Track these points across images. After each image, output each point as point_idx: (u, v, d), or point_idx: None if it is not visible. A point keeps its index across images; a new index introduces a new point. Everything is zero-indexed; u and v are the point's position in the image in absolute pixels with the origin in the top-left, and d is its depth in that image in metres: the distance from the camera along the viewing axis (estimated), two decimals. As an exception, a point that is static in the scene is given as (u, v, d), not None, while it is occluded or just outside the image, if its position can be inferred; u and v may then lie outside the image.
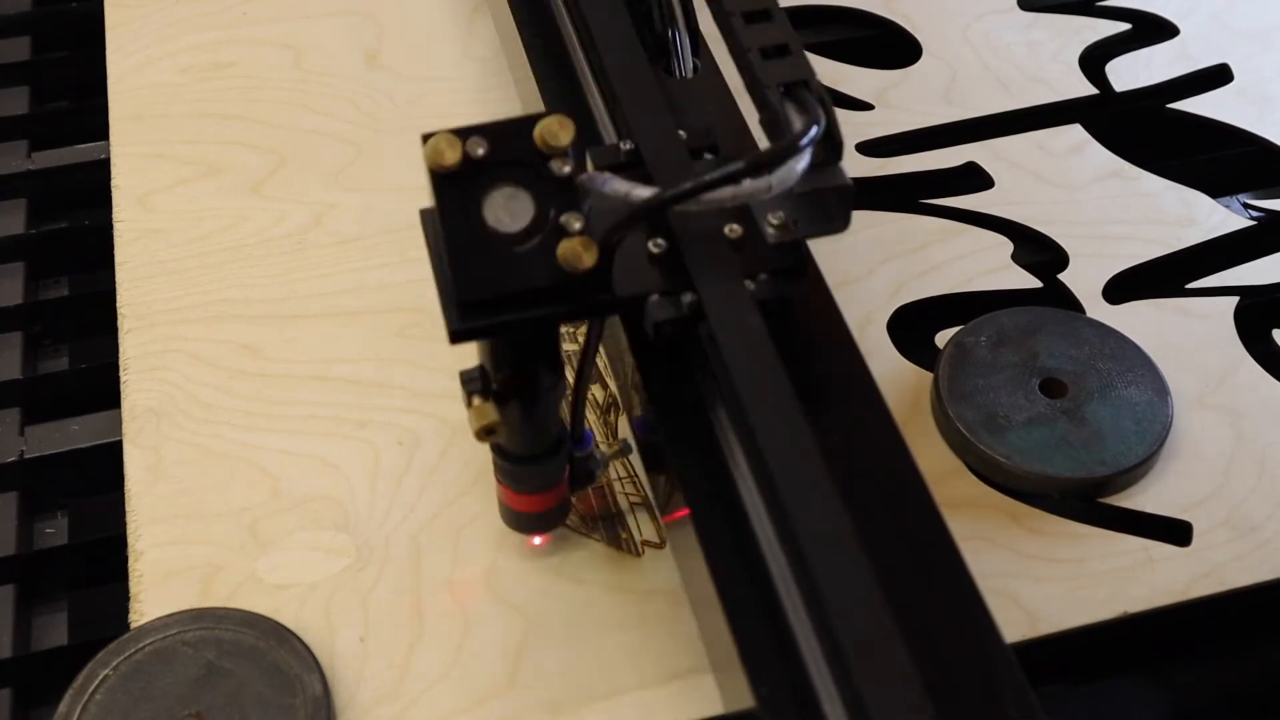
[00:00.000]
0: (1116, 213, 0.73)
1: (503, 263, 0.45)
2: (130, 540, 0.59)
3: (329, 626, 0.56)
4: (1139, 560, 0.59)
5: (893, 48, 0.83)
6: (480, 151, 0.45)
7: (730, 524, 0.47)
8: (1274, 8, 0.85)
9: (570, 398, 0.53)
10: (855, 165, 0.75)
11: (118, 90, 0.79)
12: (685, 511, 0.48)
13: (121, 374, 0.65)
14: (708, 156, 0.51)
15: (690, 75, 0.60)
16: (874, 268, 0.70)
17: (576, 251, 0.45)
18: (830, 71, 0.81)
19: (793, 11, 0.84)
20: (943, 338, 0.66)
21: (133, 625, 0.56)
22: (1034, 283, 0.69)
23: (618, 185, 0.46)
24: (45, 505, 0.65)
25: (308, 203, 0.73)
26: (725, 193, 0.45)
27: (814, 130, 0.46)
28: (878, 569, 0.41)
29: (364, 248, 0.70)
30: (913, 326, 0.67)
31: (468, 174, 0.45)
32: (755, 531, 0.46)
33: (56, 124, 0.81)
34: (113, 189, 0.74)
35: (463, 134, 0.45)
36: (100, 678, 0.53)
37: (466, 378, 0.49)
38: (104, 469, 0.63)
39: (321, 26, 0.83)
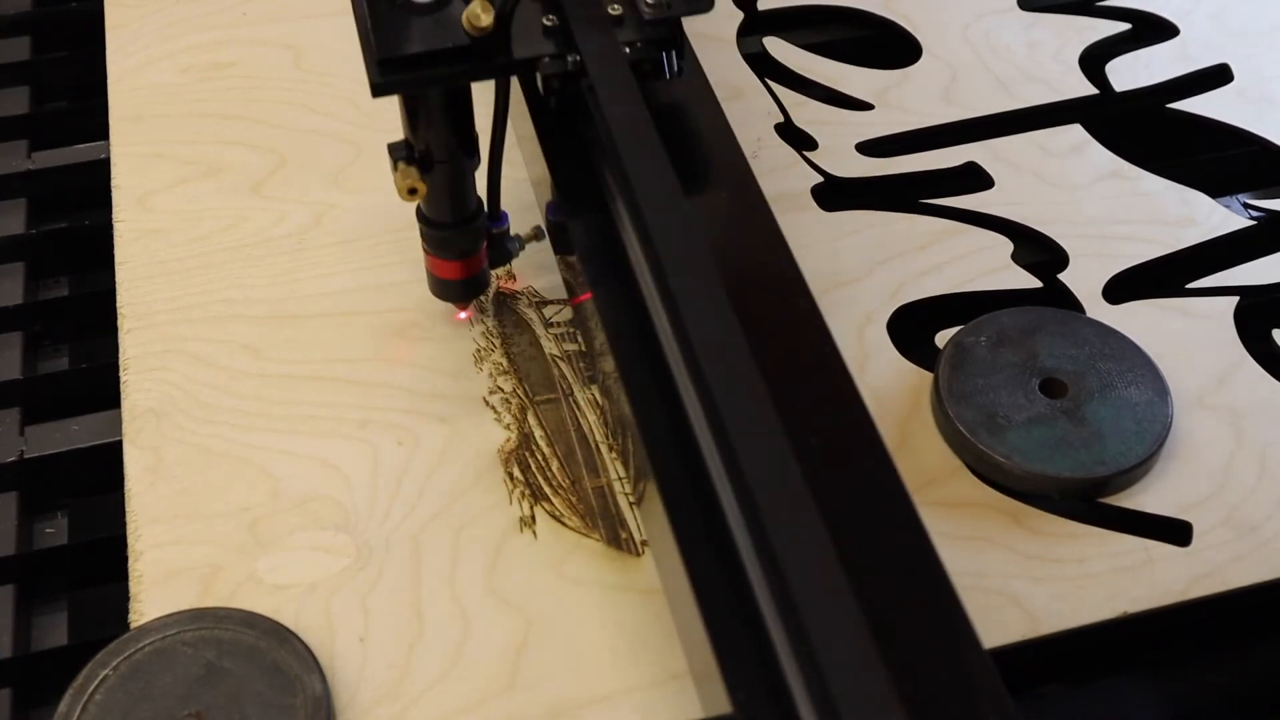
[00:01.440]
0: (1116, 213, 0.73)
1: (416, 26, 0.54)
2: (130, 540, 0.59)
3: (329, 626, 0.56)
4: (1139, 560, 0.59)
5: (893, 48, 0.83)
6: None
7: (631, 310, 0.53)
8: (1273, 8, 0.85)
9: (488, 179, 0.61)
10: (855, 165, 0.75)
11: (118, 90, 0.79)
12: (588, 295, 0.56)
13: (121, 374, 0.65)
14: None
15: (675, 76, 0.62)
16: (874, 268, 0.70)
17: (475, 12, 0.53)
18: (830, 71, 0.81)
19: (794, 11, 0.85)
20: (943, 338, 0.66)
21: (133, 625, 0.56)
22: (1034, 283, 0.69)
23: None
24: (45, 505, 0.65)
25: (308, 203, 0.73)
26: None
27: None
28: (843, 552, 0.42)
29: (364, 248, 0.70)
30: (913, 326, 0.67)
31: None
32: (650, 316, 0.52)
33: (56, 124, 0.81)
34: (113, 189, 0.74)
35: None
36: (100, 678, 0.53)
37: (393, 147, 0.58)
38: (104, 469, 0.63)
39: (321, 26, 0.83)
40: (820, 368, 0.52)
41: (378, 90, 0.54)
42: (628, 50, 0.56)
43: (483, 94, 0.58)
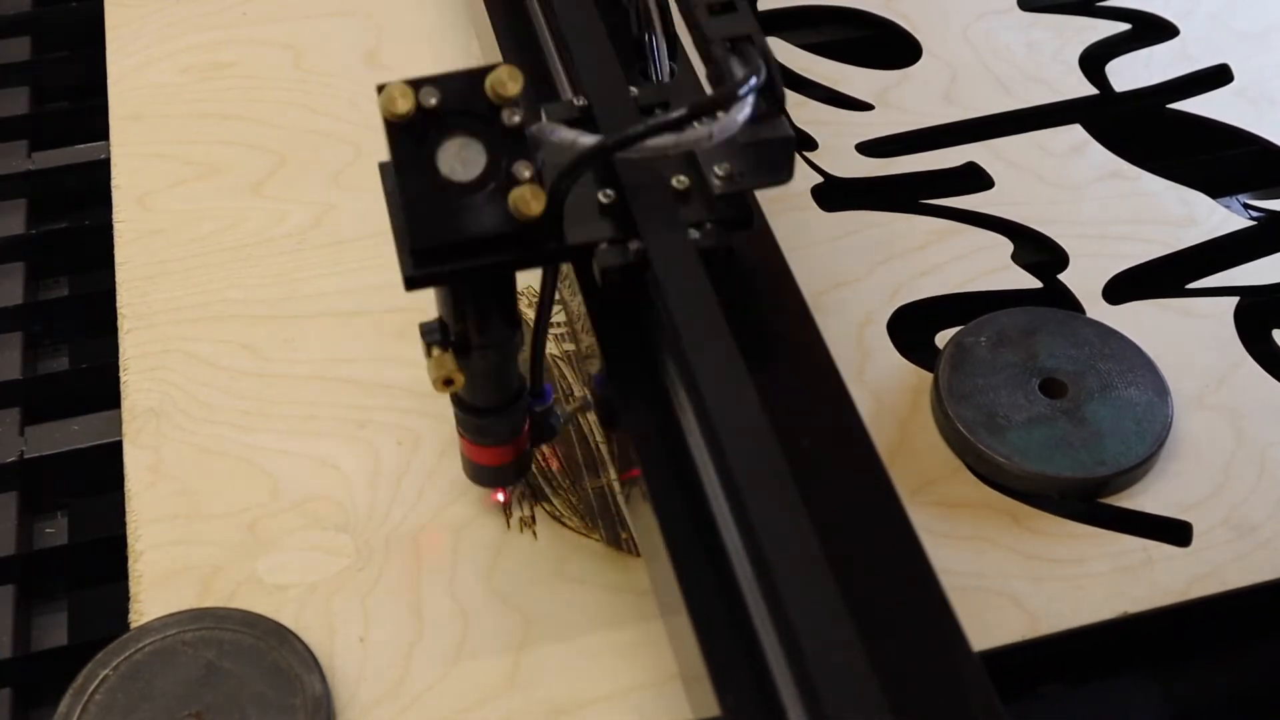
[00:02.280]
0: (1116, 213, 0.73)
1: (455, 211, 0.46)
2: (130, 540, 0.59)
3: (329, 626, 0.56)
4: (1139, 560, 0.59)
5: (893, 48, 0.83)
6: (433, 101, 0.46)
7: (684, 492, 0.48)
8: (1273, 8, 0.85)
9: (529, 353, 0.54)
10: (855, 165, 0.75)
11: (118, 90, 0.79)
12: (637, 472, 0.50)
13: (121, 374, 0.65)
14: (658, 112, 0.52)
15: (667, 79, 0.60)
16: (874, 268, 0.70)
17: (525, 198, 0.46)
18: (830, 71, 0.81)
19: (793, 12, 0.85)
20: (943, 338, 0.66)
21: (132, 625, 0.56)
22: (1034, 283, 0.69)
23: (565, 134, 0.47)
24: (45, 505, 0.64)
25: (308, 203, 0.73)
26: (667, 140, 0.46)
27: (754, 80, 0.47)
28: (834, 562, 0.42)
29: (364, 248, 0.70)
30: (913, 327, 0.67)
31: (421, 124, 0.46)
32: (709, 502, 0.47)
33: (57, 124, 0.81)
34: (113, 189, 0.74)
35: (416, 84, 0.46)
36: (100, 678, 0.53)
37: (425, 329, 0.50)
38: (104, 469, 0.63)
39: (321, 27, 0.83)
40: (812, 369, 0.52)
41: (412, 284, 0.47)
42: (696, 234, 0.49)
43: None
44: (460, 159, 0.46)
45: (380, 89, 0.46)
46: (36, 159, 0.78)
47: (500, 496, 0.60)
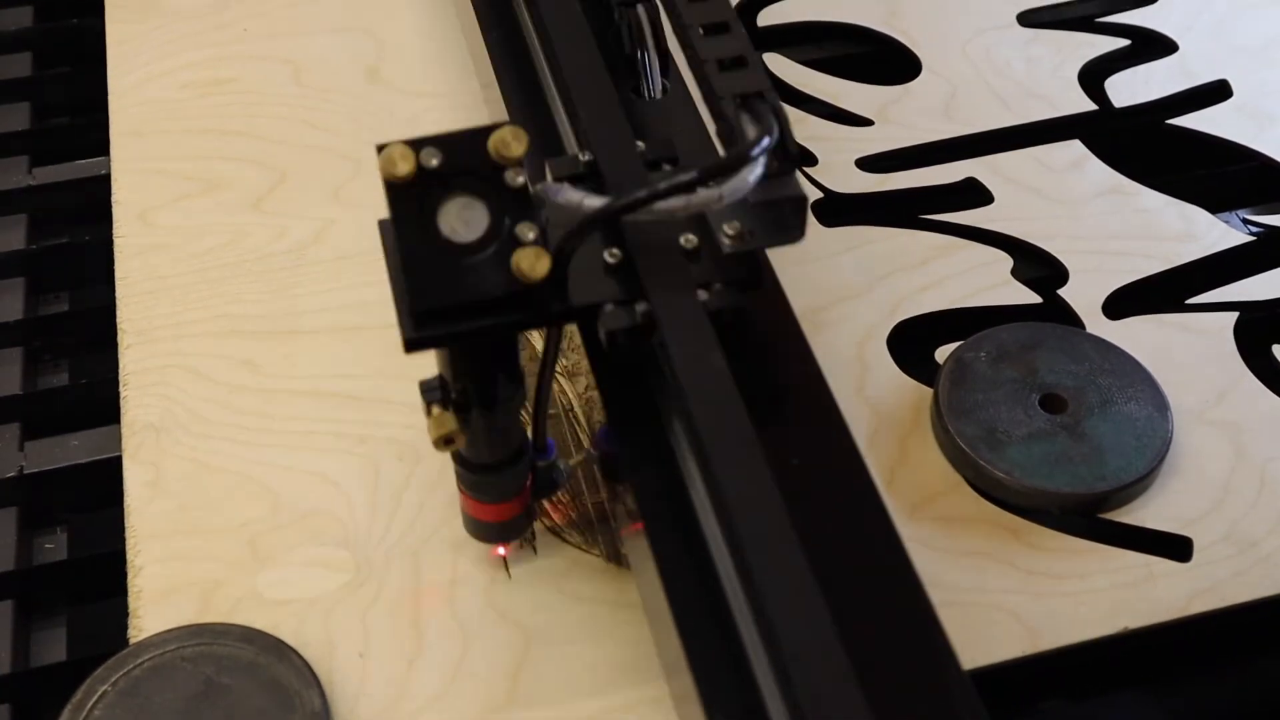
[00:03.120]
0: (1116, 228, 0.73)
1: (457, 272, 0.46)
2: (129, 556, 0.59)
3: (328, 642, 0.56)
4: (1139, 576, 0.58)
5: (892, 64, 0.83)
6: (434, 162, 0.45)
7: (686, 544, 0.47)
8: (1273, 23, 0.85)
9: (532, 408, 0.53)
10: (855, 181, 0.75)
11: (118, 106, 0.79)
12: (639, 525, 0.49)
13: (121, 389, 0.65)
14: (666, 168, 0.52)
15: (659, 95, 0.60)
16: (874, 283, 0.70)
17: (529, 261, 0.45)
18: (830, 87, 0.81)
19: (794, 28, 0.85)
20: (943, 353, 0.66)
21: (132, 641, 0.56)
22: (1034, 298, 0.69)
23: (570, 195, 0.47)
24: (45, 520, 0.64)
25: (308, 218, 0.73)
26: (676, 203, 0.46)
27: (765, 140, 0.47)
28: (829, 591, 0.41)
29: (364, 263, 0.70)
30: (913, 342, 0.67)
31: (422, 184, 0.46)
32: (712, 555, 0.46)
33: (57, 140, 0.81)
34: (113, 204, 0.74)
35: (416, 145, 0.45)
36: (99, 693, 0.53)
37: (425, 387, 0.50)
38: (103, 484, 0.63)
39: (322, 43, 0.83)
40: (803, 386, 0.52)
41: (412, 346, 0.47)
42: (704, 295, 0.48)
43: None
44: (462, 219, 0.46)
45: (380, 149, 0.45)
46: (37, 174, 0.78)
47: (502, 551, 0.59)
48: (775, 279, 0.55)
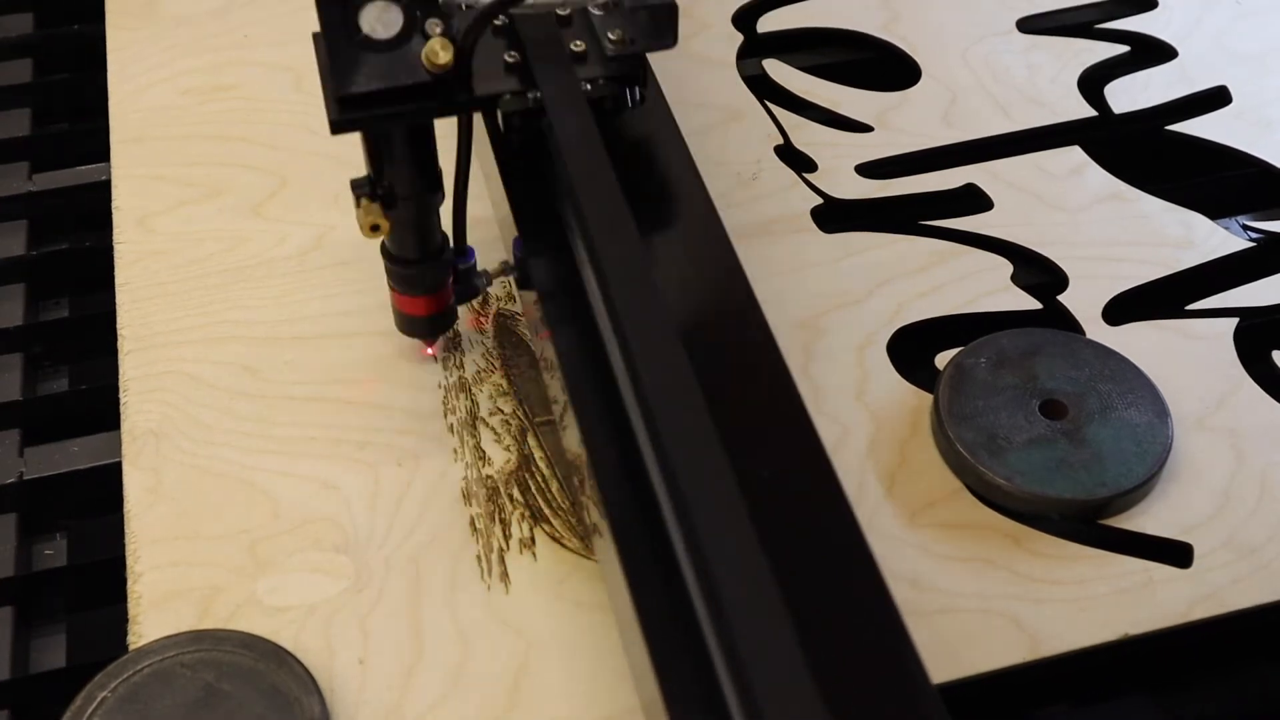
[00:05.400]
0: (1116, 234, 0.73)
1: (375, 64, 0.54)
2: (129, 562, 0.59)
3: (328, 648, 0.56)
4: (1140, 582, 0.58)
5: (892, 70, 0.83)
6: None
7: (590, 351, 0.53)
8: (1272, 31, 0.85)
9: (453, 214, 0.61)
10: (855, 187, 0.75)
11: (119, 112, 0.79)
12: (548, 334, 0.56)
13: (121, 395, 0.65)
14: None
15: None
16: (874, 289, 0.70)
17: (435, 50, 0.53)
18: (830, 94, 0.81)
19: (793, 34, 0.85)
20: (943, 359, 0.66)
21: (131, 647, 0.56)
22: (1034, 304, 0.69)
23: None
24: (44, 526, 0.64)
25: (308, 224, 0.73)
26: None
27: None
28: (791, 587, 0.42)
29: (364, 269, 0.70)
30: (913, 348, 0.67)
31: None
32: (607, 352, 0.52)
33: (57, 146, 0.81)
34: (113, 210, 0.74)
35: None
36: (98, 700, 0.53)
37: (355, 183, 0.57)
38: (103, 490, 0.63)
39: (322, 49, 0.83)
40: (774, 399, 0.52)
41: (336, 128, 0.54)
42: (588, 87, 0.56)
43: (449, 127, 0.58)
44: (381, 20, 0.53)
45: None
46: (37, 180, 0.78)
47: (430, 350, 0.66)
48: (661, 93, 0.63)
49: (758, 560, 0.42)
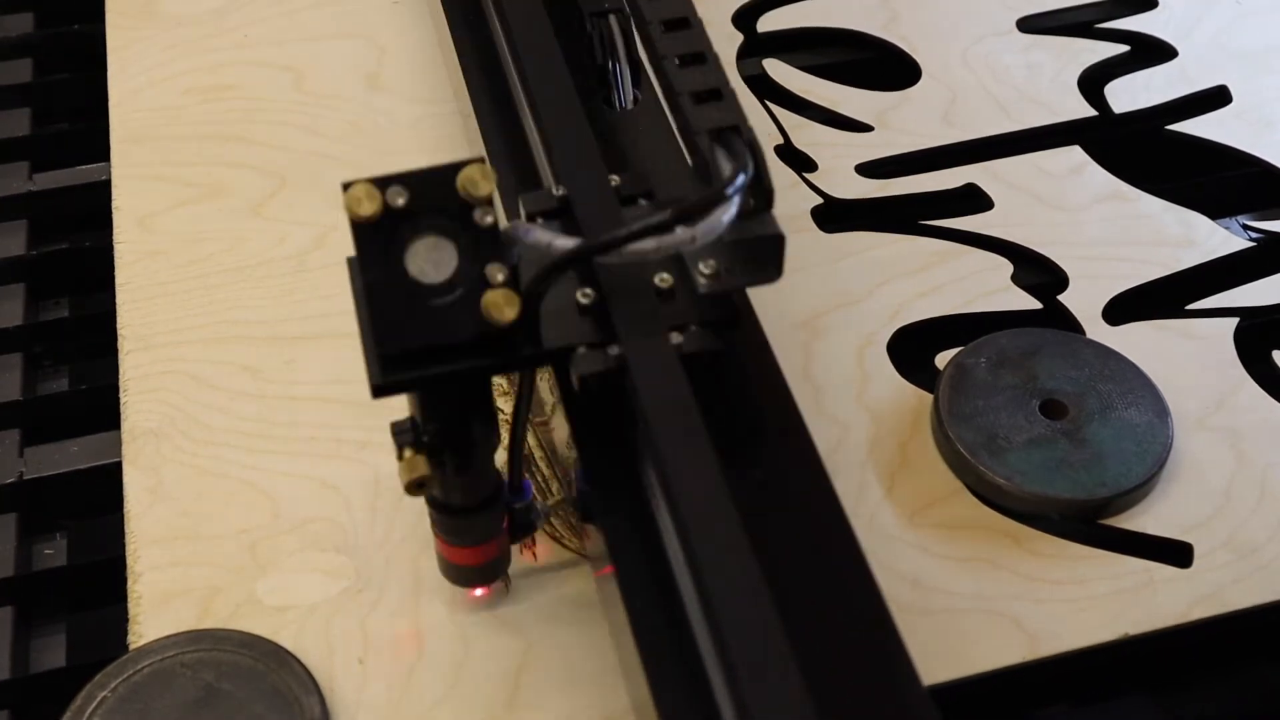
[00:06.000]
0: (1116, 234, 0.73)
1: (425, 314, 0.45)
2: (129, 562, 0.59)
3: (328, 648, 0.56)
4: (1140, 582, 0.58)
5: (892, 70, 0.83)
6: (400, 201, 0.44)
7: (656, 587, 0.46)
8: (1272, 30, 0.85)
9: (509, 449, 0.52)
10: (855, 187, 0.75)
11: (119, 112, 0.79)
12: (610, 569, 0.48)
13: (121, 395, 0.65)
14: (642, 202, 0.51)
15: (630, 106, 0.59)
16: (874, 289, 0.70)
17: (498, 304, 0.45)
18: (830, 93, 0.81)
19: (793, 34, 0.85)
20: (943, 359, 0.66)
21: (131, 647, 0.56)
22: (1034, 304, 0.69)
23: (540, 235, 0.46)
24: (44, 526, 0.64)
25: (308, 224, 0.73)
26: (649, 244, 0.45)
27: (740, 178, 0.45)
28: (794, 628, 0.41)
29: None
30: (913, 348, 0.67)
31: (389, 223, 0.44)
32: (682, 597, 0.45)
33: (58, 145, 0.81)
34: (113, 210, 0.74)
35: (382, 183, 0.44)
36: (98, 700, 0.53)
37: (397, 429, 0.48)
38: (103, 490, 0.63)
39: (323, 49, 0.83)
40: (768, 401, 0.51)
41: (379, 392, 0.46)
42: (679, 337, 0.47)
43: None
44: (430, 260, 0.45)
45: (346, 187, 0.44)
46: (37, 180, 0.78)
47: (479, 592, 0.58)
48: (754, 317, 0.54)
49: (749, 562, 0.42)
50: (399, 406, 0.64)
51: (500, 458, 0.52)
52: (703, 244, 0.45)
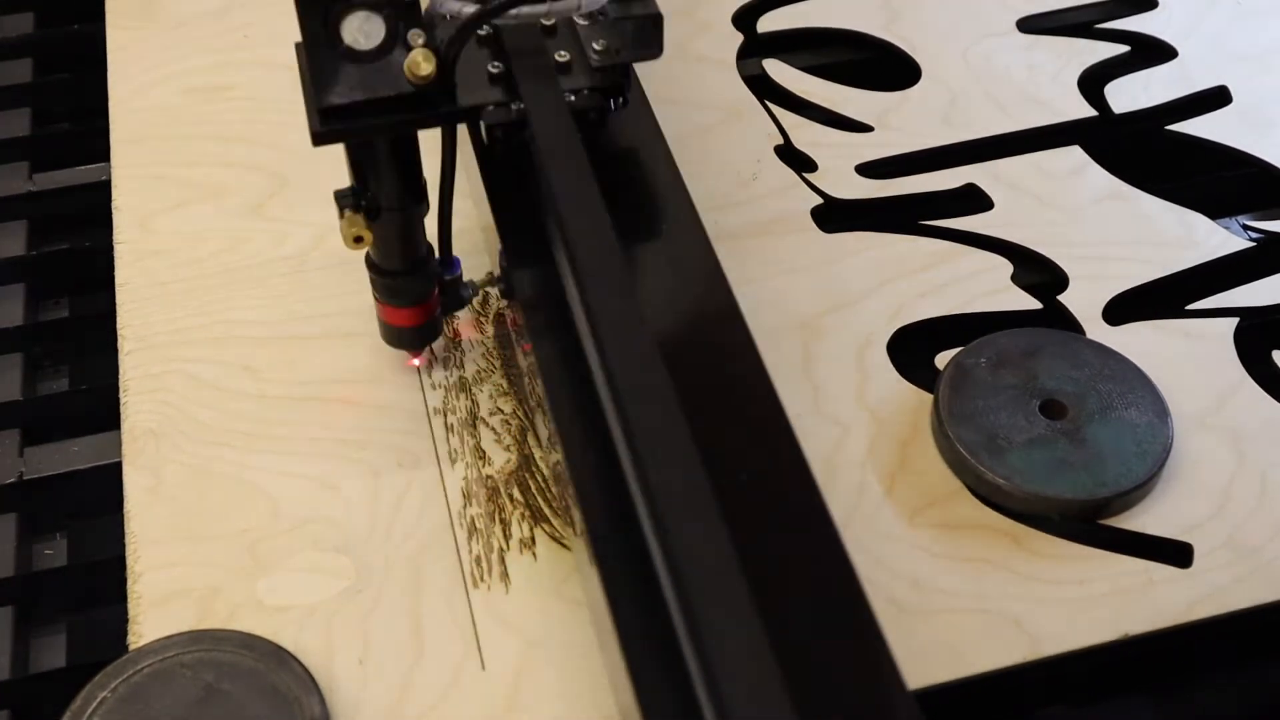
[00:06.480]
0: (1116, 234, 0.73)
1: (357, 75, 0.53)
2: (129, 562, 0.59)
3: (328, 648, 0.56)
4: (1140, 582, 0.58)
5: (892, 70, 0.83)
6: None
7: (572, 365, 0.53)
8: (1272, 30, 0.85)
9: (438, 224, 0.60)
10: (855, 187, 0.75)
11: (119, 112, 0.79)
12: (528, 346, 0.56)
13: (121, 395, 0.65)
14: None
15: None
16: (874, 289, 0.70)
17: (416, 61, 0.53)
18: (830, 93, 0.81)
19: (793, 34, 0.85)
20: (943, 359, 0.66)
21: (131, 647, 0.56)
22: (1034, 304, 0.69)
23: (452, 5, 0.54)
24: (44, 526, 0.64)
25: (309, 224, 0.73)
26: (539, 9, 0.55)
27: None
28: (766, 592, 0.42)
29: (364, 270, 0.70)
30: (913, 348, 0.67)
31: (327, 1, 0.52)
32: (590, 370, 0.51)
33: (58, 146, 0.81)
34: (113, 210, 0.74)
35: None
36: (98, 700, 0.53)
37: (339, 194, 0.57)
38: (103, 490, 0.63)
39: (322, 49, 0.83)
40: (753, 403, 0.52)
41: (318, 139, 0.53)
42: (572, 98, 0.56)
43: (434, 138, 0.57)
44: (363, 30, 0.53)
45: None
46: (37, 180, 0.78)
47: (416, 361, 0.65)
48: (643, 94, 0.62)
49: (731, 564, 0.42)
50: (398, 406, 0.64)
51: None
52: (588, 10, 0.55)
